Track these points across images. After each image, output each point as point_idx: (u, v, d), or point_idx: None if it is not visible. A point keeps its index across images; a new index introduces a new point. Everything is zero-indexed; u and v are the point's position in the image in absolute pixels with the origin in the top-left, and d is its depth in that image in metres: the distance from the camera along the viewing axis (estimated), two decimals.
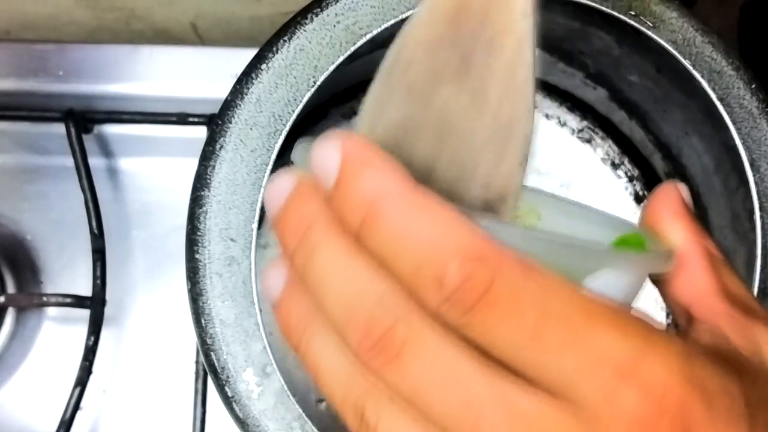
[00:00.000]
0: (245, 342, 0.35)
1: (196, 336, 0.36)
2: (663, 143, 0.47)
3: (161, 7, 0.53)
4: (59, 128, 0.48)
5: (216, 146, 0.37)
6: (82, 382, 0.45)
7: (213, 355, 0.35)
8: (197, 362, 0.46)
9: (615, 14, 0.38)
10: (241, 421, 0.35)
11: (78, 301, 0.46)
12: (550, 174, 0.51)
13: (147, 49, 0.49)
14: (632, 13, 0.38)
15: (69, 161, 0.48)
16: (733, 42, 0.44)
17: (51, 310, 0.50)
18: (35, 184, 0.52)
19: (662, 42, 0.38)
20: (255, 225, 0.36)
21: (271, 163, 0.37)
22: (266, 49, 0.37)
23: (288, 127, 0.37)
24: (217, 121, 0.37)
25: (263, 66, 0.37)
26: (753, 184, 0.38)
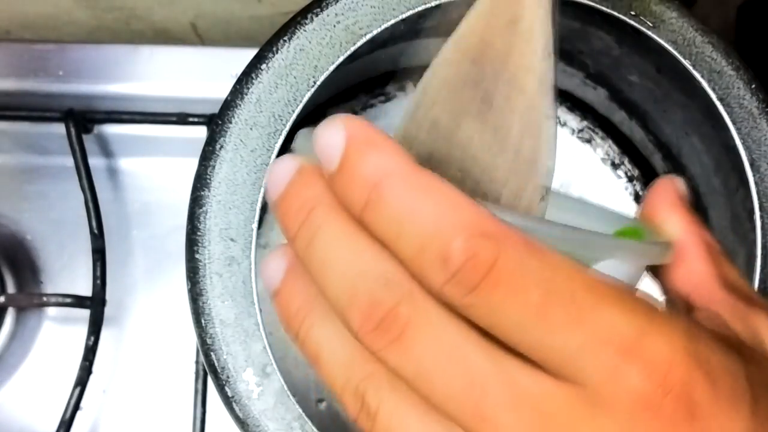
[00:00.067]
0: (245, 342, 0.35)
1: (196, 336, 0.36)
2: (663, 143, 0.47)
3: (161, 7, 0.53)
4: (59, 128, 0.48)
5: (216, 146, 0.37)
6: (82, 382, 0.45)
7: (213, 355, 0.35)
8: (197, 362, 0.46)
9: (615, 14, 0.38)
10: (241, 421, 0.35)
11: (78, 301, 0.46)
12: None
13: (147, 49, 0.49)
14: (632, 13, 0.38)
15: (69, 161, 0.48)
16: (732, 42, 0.44)
17: (51, 310, 0.50)
18: (35, 184, 0.52)
19: (662, 42, 0.38)
20: (255, 225, 0.36)
21: (271, 163, 0.37)
22: (266, 49, 0.37)
23: (288, 127, 0.37)
24: (217, 121, 0.37)
25: (263, 66, 0.37)
26: (753, 184, 0.38)
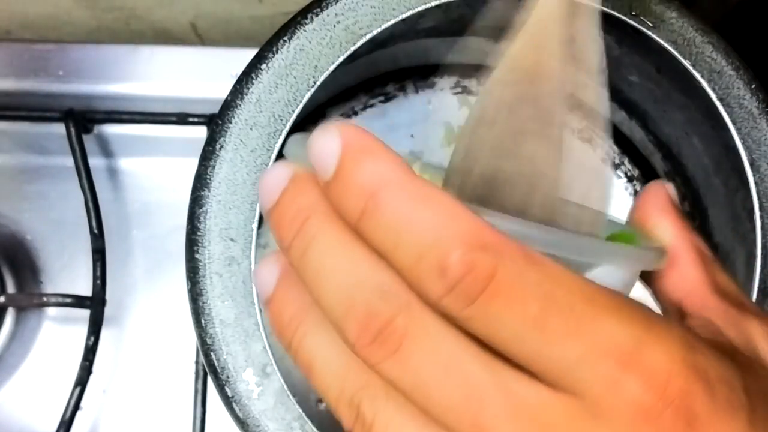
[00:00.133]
0: (245, 342, 0.35)
1: (196, 336, 0.36)
2: (663, 143, 0.47)
3: (161, 7, 0.53)
4: (59, 128, 0.48)
5: (216, 146, 0.37)
6: (82, 382, 0.45)
7: (213, 355, 0.35)
8: (197, 362, 0.46)
9: (615, 14, 0.38)
10: (241, 421, 0.35)
11: (78, 301, 0.46)
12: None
13: (147, 49, 0.49)
14: (632, 13, 0.38)
15: (69, 161, 0.48)
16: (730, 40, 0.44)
17: (51, 310, 0.50)
18: (35, 184, 0.51)
19: (662, 42, 0.38)
20: (255, 225, 0.36)
21: (271, 163, 0.37)
22: (266, 49, 0.37)
23: (288, 127, 0.37)
24: (217, 121, 0.37)
25: (263, 66, 0.37)
26: (753, 184, 0.38)
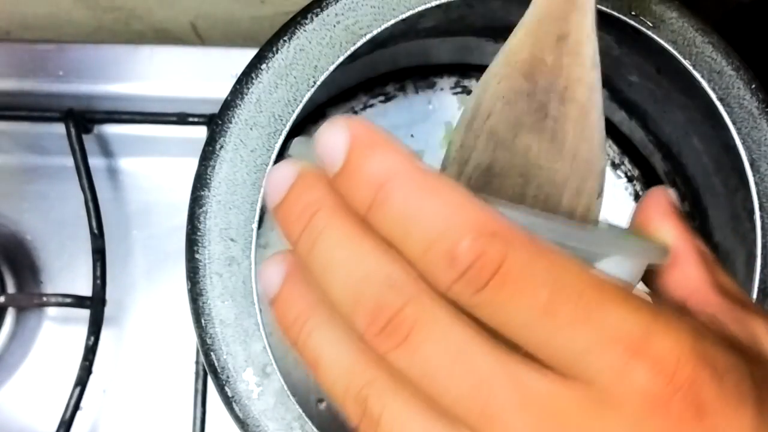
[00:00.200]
0: (245, 342, 0.35)
1: (196, 336, 0.36)
2: (663, 143, 0.47)
3: (161, 7, 0.53)
4: (59, 128, 0.48)
5: (216, 146, 0.37)
6: (82, 382, 0.45)
7: (213, 355, 0.35)
8: (197, 362, 0.46)
9: (615, 14, 0.38)
10: (241, 421, 0.35)
11: (78, 301, 0.46)
12: None
13: (147, 49, 0.49)
14: (632, 13, 0.38)
15: (69, 161, 0.48)
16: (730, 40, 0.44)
17: (51, 310, 0.50)
18: (35, 184, 0.51)
19: (662, 42, 0.38)
20: (255, 225, 0.36)
21: (271, 163, 0.37)
22: (266, 49, 0.37)
23: (288, 127, 0.37)
24: (217, 121, 0.37)
25: (263, 66, 0.37)
26: (753, 184, 0.38)
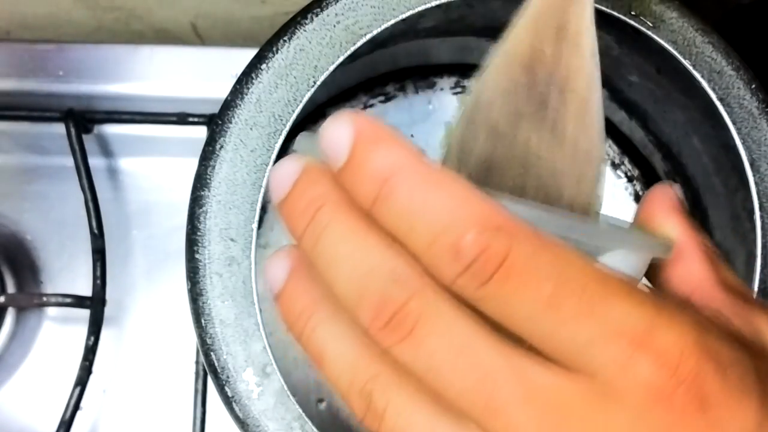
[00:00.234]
0: (245, 342, 0.35)
1: (196, 336, 0.36)
2: (663, 143, 0.47)
3: (161, 7, 0.53)
4: (59, 128, 0.48)
5: (216, 146, 0.37)
6: (82, 382, 0.45)
7: (213, 355, 0.35)
8: (197, 362, 0.46)
9: (615, 14, 0.38)
10: (241, 421, 0.35)
11: (78, 301, 0.46)
12: None
13: (147, 49, 0.49)
14: (632, 13, 0.38)
15: (69, 161, 0.48)
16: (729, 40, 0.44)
17: (51, 310, 0.50)
18: (35, 184, 0.51)
19: (662, 42, 0.38)
20: (255, 225, 0.36)
21: (271, 163, 0.37)
22: (266, 49, 0.37)
23: (288, 127, 0.37)
24: (217, 121, 0.37)
25: (263, 66, 0.37)
26: (753, 184, 0.38)
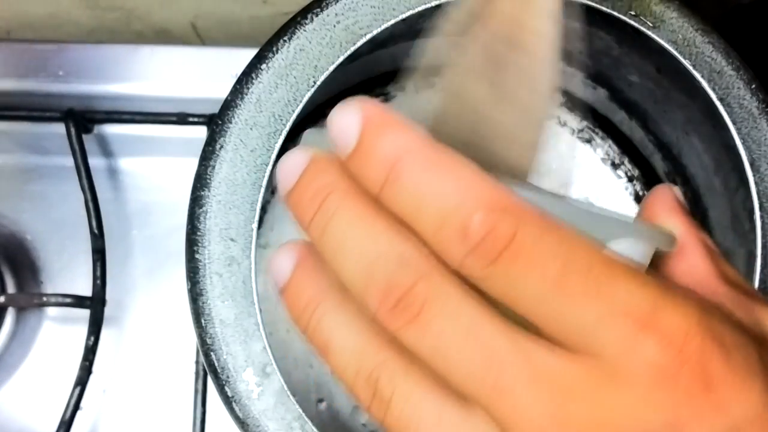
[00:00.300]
0: (245, 342, 0.35)
1: (196, 336, 0.36)
2: (663, 143, 0.47)
3: (161, 7, 0.53)
4: (59, 128, 0.48)
5: (216, 146, 0.37)
6: (82, 382, 0.45)
7: (213, 355, 0.35)
8: (197, 362, 0.46)
9: (615, 14, 0.38)
10: (241, 421, 0.35)
11: (78, 301, 0.46)
12: (550, 174, 0.51)
13: (147, 49, 0.49)
14: (632, 13, 0.38)
15: (69, 161, 0.48)
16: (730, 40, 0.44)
17: (51, 310, 0.50)
18: (35, 184, 0.51)
19: (662, 42, 0.38)
20: (255, 225, 0.36)
21: (271, 163, 0.37)
22: (266, 49, 0.37)
23: (288, 127, 0.37)
24: (217, 121, 0.37)
25: (263, 66, 0.37)
26: (753, 184, 0.38)
